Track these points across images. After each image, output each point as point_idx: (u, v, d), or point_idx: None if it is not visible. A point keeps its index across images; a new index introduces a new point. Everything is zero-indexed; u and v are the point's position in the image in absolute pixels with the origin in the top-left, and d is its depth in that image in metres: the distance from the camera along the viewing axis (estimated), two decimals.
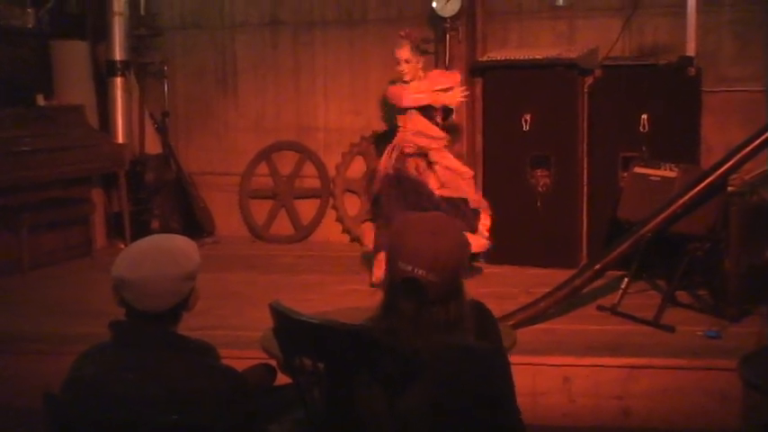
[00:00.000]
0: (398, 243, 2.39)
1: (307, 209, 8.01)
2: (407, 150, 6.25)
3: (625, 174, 6.13)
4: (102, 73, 7.69)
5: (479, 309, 2.61)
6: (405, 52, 6.18)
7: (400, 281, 2.35)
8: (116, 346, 2.57)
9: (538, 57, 6.71)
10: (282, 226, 8.07)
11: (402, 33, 6.26)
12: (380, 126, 7.68)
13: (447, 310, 2.37)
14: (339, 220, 7.89)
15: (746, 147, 5.13)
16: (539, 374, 4.50)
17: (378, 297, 2.48)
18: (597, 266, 5.17)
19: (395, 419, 2.29)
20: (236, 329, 5.11)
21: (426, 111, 6.22)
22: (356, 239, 7.72)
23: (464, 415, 2.30)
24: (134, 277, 2.52)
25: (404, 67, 6.20)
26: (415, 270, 2.32)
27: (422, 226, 2.43)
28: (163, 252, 2.58)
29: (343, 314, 3.12)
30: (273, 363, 3.08)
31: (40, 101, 7.17)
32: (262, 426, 2.82)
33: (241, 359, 3.51)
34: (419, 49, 6.25)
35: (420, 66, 6.25)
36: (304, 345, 2.53)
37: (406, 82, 6.25)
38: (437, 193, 6.19)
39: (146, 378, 2.47)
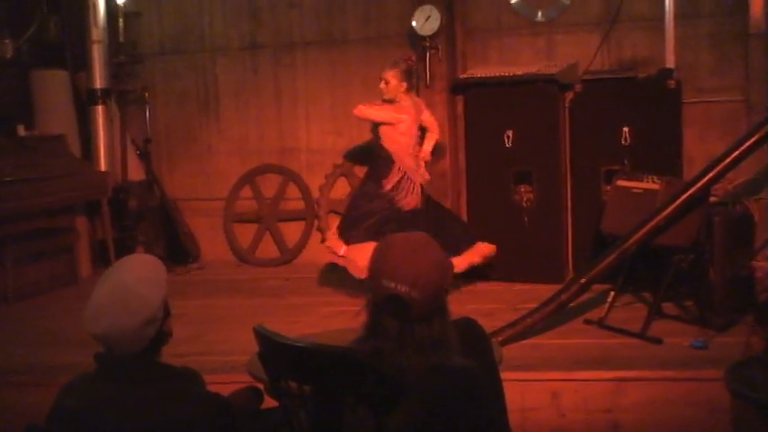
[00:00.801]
0: (381, 261, 2.39)
1: (291, 231, 8.00)
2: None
3: (608, 187, 6.15)
4: (83, 101, 7.68)
5: (469, 325, 2.61)
6: (390, 75, 6.30)
7: (383, 298, 2.35)
8: (100, 378, 2.56)
9: (518, 73, 6.74)
10: (268, 249, 8.05)
11: (405, 57, 6.46)
12: (363, 146, 7.68)
13: (431, 328, 2.36)
14: (324, 241, 7.87)
15: (727, 157, 5.16)
16: (527, 390, 4.49)
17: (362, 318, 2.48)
18: (583, 280, 5.17)
19: None
20: (223, 354, 5.08)
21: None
22: None
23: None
24: (96, 332, 2.54)
25: (383, 86, 6.32)
26: (398, 287, 2.32)
27: (403, 244, 2.44)
28: (118, 302, 2.54)
29: (330, 336, 3.11)
30: (260, 386, 3.07)
31: (21, 131, 7.14)
32: None
33: (229, 383, 3.51)
34: (407, 74, 6.36)
35: (402, 89, 6.34)
36: (289, 368, 2.53)
37: (387, 101, 6.36)
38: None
39: (130, 408, 2.45)
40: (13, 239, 6.74)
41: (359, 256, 6.01)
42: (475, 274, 6.49)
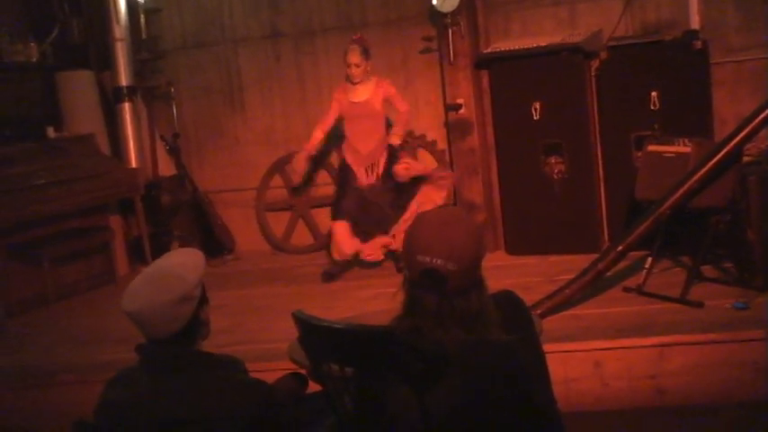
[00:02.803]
0: (414, 237, 2.38)
1: (324, 217, 8.00)
2: None
3: (639, 153, 6.09)
4: (110, 100, 7.73)
5: (508, 298, 2.60)
6: (355, 56, 6.45)
7: (420, 274, 2.34)
8: (144, 369, 2.58)
9: (542, 44, 6.68)
10: (302, 236, 8.07)
11: (354, 38, 6.55)
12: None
13: (468, 301, 2.34)
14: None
15: (758, 115, 5.08)
16: (569, 361, 4.48)
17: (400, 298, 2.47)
18: (619, 248, 5.14)
19: (426, 418, 2.28)
20: (263, 343, 5.11)
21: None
22: None
23: (495, 409, 2.28)
24: (131, 310, 2.55)
25: (354, 71, 6.45)
26: (434, 260, 2.30)
27: (435, 219, 2.43)
28: (155, 280, 2.58)
29: (368, 317, 3.11)
30: (303, 372, 3.08)
31: (51, 133, 7.21)
32: None
33: (271, 371, 3.52)
34: (367, 54, 6.52)
35: (369, 69, 6.52)
36: (329, 351, 2.53)
37: (354, 84, 6.49)
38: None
39: (175, 399, 2.47)
40: (50, 241, 6.80)
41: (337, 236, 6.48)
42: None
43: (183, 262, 2.64)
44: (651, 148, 5.79)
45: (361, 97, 6.50)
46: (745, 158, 5.39)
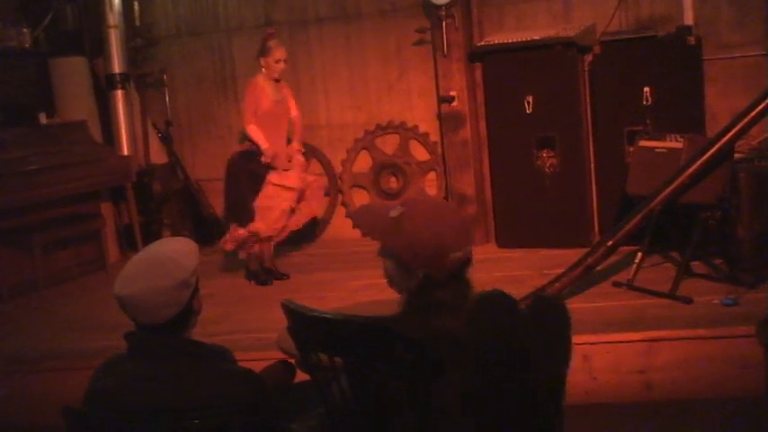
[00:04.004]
0: (437, 239, 2.39)
1: None
2: None
3: (631, 148, 6.11)
4: (103, 87, 7.71)
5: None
6: (283, 52, 6.32)
7: (458, 267, 2.38)
8: (132, 357, 2.58)
9: (536, 38, 6.69)
10: None
11: (271, 32, 6.43)
12: (383, 120, 7.67)
13: (468, 286, 2.42)
14: (349, 216, 7.89)
15: (750, 112, 5.09)
16: None
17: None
18: (610, 243, 5.15)
19: (418, 408, 2.29)
20: (253, 332, 5.12)
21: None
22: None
23: (502, 394, 2.29)
24: (127, 294, 2.52)
25: (282, 66, 6.31)
26: (464, 253, 2.38)
27: (429, 213, 2.45)
28: (153, 265, 2.56)
29: (360, 308, 3.12)
30: (292, 361, 3.08)
31: (43, 119, 7.19)
32: (283, 424, 2.82)
33: (261, 360, 3.52)
34: None
35: None
36: (319, 340, 2.53)
37: (277, 80, 6.36)
38: None
39: (163, 386, 2.47)
40: (41, 227, 6.80)
41: None
42: None
43: (179, 249, 2.63)
44: (643, 143, 5.80)
45: (279, 96, 6.39)
46: (737, 155, 5.41)
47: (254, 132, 6.25)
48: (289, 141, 6.52)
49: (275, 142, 6.33)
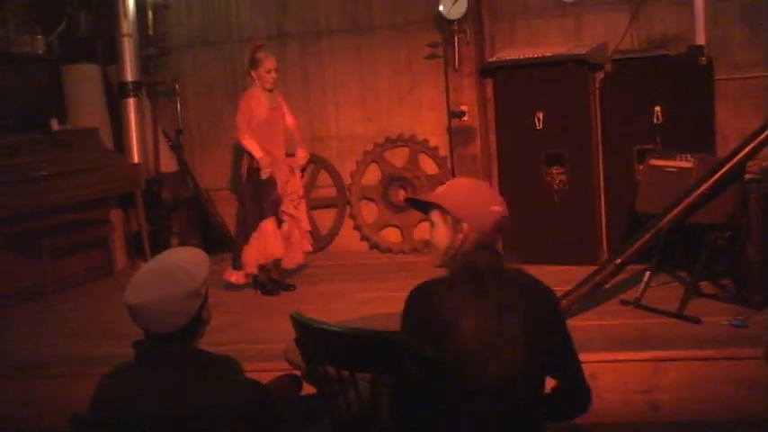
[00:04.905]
0: (476, 194, 2.72)
1: (324, 218, 8.02)
2: None
3: (641, 166, 6.11)
4: (115, 94, 7.74)
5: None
6: (274, 62, 6.32)
7: (497, 222, 2.65)
8: (140, 366, 2.58)
9: (547, 54, 6.69)
10: None
11: (259, 44, 6.44)
12: (393, 132, 7.69)
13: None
14: (357, 228, 7.90)
15: (761, 133, 5.09)
16: None
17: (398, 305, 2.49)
18: (618, 261, 5.14)
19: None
20: (261, 342, 5.12)
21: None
22: (375, 247, 7.73)
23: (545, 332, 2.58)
24: (138, 303, 2.52)
25: (275, 76, 6.33)
26: (503, 208, 2.69)
27: (464, 182, 2.90)
28: (164, 274, 2.56)
29: (368, 321, 3.12)
30: (298, 373, 3.09)
31: (55, 125, 7.21)
32: None
33: (267, 371, 3.53)
34: None
35: None
36: (326, 353, 2.54)
37: (270, 90, 6.36)
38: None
39: (170, 395, 2.47)
40: (50, 232, 6.80)
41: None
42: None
43: (190, 258, 2.63)
44: (653, 162, 5.80)
45: (274, 103, 6.41)
46: (747, 176, 5.40)
47: (249, 143, 6.26)
48: (291, 155, 6.53)
49: (273, 149, 6.34)
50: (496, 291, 2.48)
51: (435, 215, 2.66)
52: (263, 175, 6.23)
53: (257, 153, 6.22)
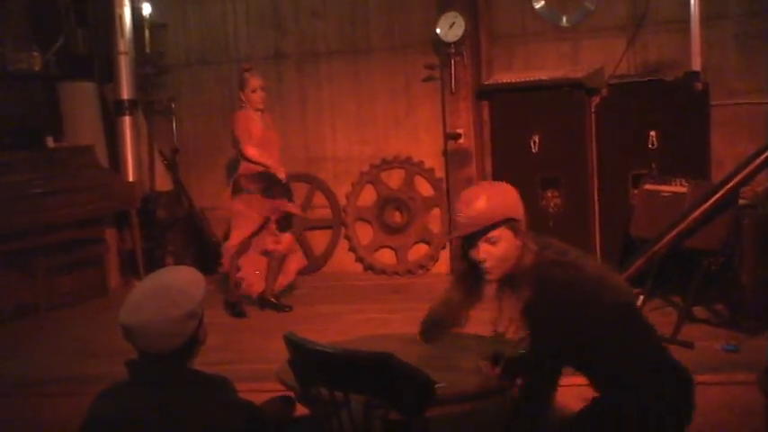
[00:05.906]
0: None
1: (319, 239, 8.02)
2: None
3: (636, 191, 6.12)
4: (111, 112, 7.73)
5: None
6: (261, 80, 6.34)
7: None
8: (132, 385, 2.57)
9: (544, 78, 6.73)
10: None
11: (246, 67, 6.47)
12: (389, 154, 7.70)
13: None
14: (352, 249, 7.89)
15: (756, 159, 5.12)
16: (557, 396, 4.46)
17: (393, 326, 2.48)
18: None
19: None
20: (253, 362, 5.10)
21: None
22: (370, 268, 7.73)
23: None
24: (134, 323, 2.51)
25: (264, 94, 6.34)
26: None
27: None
28: (161, 295, 2.54)
29: (362, 343, 3.11)
30: (291, 395, 3.08)
31: (50, 143, 7.19)
32: None
33: (260, 392, 3.51)
34: None
35: None
36: (319, 374, 2.53)
37: (260, 110, 6.37)
38: None
39: (162, 415, 2.46)
40: (44, 251, 6.79)
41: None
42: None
43: (187, 278, 2.62)
44: (648, 186, 5.82)
45: (266, 124, 6.43)
46: (741, 201, 5.41)
47: (254, 153, 6.28)
48: None
49: (279, 167, 6.38)
50: None
51: (496, 232, 2.72)
52: (281, 174, 6.26)
53: (265, 161, 6.26)
